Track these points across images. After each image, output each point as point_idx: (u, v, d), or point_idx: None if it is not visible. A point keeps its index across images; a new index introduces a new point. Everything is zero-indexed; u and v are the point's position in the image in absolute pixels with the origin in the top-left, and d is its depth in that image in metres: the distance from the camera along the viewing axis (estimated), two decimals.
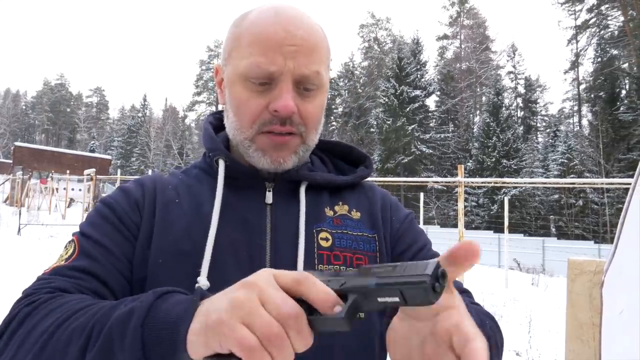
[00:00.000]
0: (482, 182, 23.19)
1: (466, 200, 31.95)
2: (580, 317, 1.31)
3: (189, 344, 0.48)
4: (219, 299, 0.47)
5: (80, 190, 32.25)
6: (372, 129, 41.32)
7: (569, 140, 34.23)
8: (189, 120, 63.27)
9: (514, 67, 46.84)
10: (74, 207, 28.31)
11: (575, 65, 42.04)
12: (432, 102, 44.03)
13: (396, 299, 0.41)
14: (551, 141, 37.48)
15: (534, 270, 15.63)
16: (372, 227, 0.83)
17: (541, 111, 46.48)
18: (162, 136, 55.51)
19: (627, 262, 1.13)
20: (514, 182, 18.17)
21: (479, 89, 47.05)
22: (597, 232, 29.36)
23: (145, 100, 65.70)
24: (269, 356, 0.43)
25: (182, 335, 0.48)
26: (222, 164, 0.80)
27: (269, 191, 0.81)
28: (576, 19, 40.89)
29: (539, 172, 34.86)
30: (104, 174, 29.20)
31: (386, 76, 41.25)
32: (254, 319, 0.43)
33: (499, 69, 47.12)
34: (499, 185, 25.70)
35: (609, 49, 36.74)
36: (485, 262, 16.81)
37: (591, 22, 39.50)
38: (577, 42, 41.36)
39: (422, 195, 13.69)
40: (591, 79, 38.84)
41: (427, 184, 23.46)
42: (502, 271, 12.25)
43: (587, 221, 31.14)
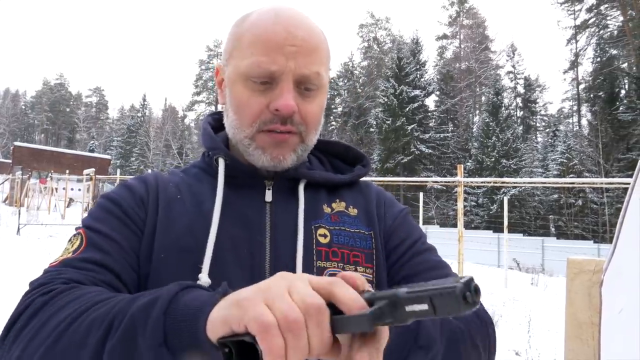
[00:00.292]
0: (482, 182, 23.20)
1: (465, 200, 31.95)
2: (579, 316, 1.32)
3: (210, 322, 0.47)
4: (247, 287, 0.48)
5: (79, 190, 32.20)
6: (372, 129, 41.33)
7: (568, 140, 34.27)
8: (189, 120, 63.36)
9: (514, 67, 46.91)
10: (73, 207, 28.29)
11: (574, 65, 42.08)
12: (431, 102, 44.10)
13: (425, 306, 0.41)
14: (550, 141, 37.53)
15: (534, 270, 15.65)
16: (368, 224, 0.84)
17: (540, 111, 46.54)
18: (161, 136, 55.49)
19: (626, 261, 1.13)
20: (514, 182, 18.20)
21: (478, 89, 47.08)
22: (597, 231, 29.38)
23: (144, 100, 65.64)
24: (282, 341, 0.42)
25: (203, 321, 0.48)
26: (222, 163, 0.81)
27: (269, 189, 0.82)
28: (575, 19, 40.97)
29: (539, 171, 34.90)
30: (103, 173, 29.19)
31: (385, 76, 41.25)
32: (277, 301, 0.43)
33: (499, 69, 47.20)
34: (498, 185, 25.72)
35: (608, 49, 36.78)
36: (484, 261, 16.81)
37: (590, 22, 39.54)
38: (577, 41, 41.42)
39: (421, 195, 13.70)
40: (590, 78, 38.88)
41: (427, 183, 23.49)
42: (501, 271, 12.26)
43: (586, 221, 31.17)
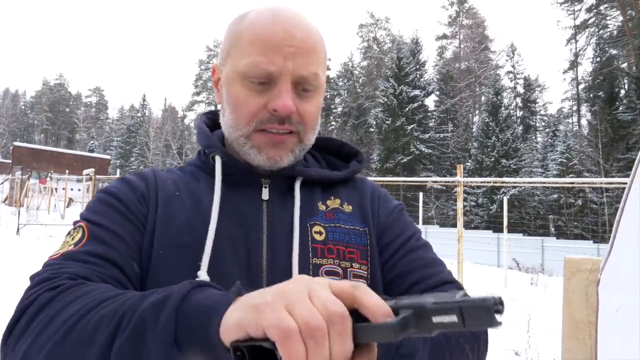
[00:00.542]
0: (481, 182, 23.20)
1: (465, 200, 31.96)
2: (576, 315, 1.32)
3: (224, 324, 0.46)
4: (263, 290, 0.46)
5: (79, 190, 32.19)
6: (372, 129, 41.34)
7: (568, 139, 34.28)
8: (188, 120, 63.31)
9: (513, 66, 46.91)
10: (73, 207, 28.27)
11: (574, 65, 42.09)
12: (431, 101, 44.12)
13: (454, 318, 0.39)
14: (550, 141, 37.54)
15: (533, 269, 15.65)
16: (363, 220, 0.84)
17: (540, 111, 46.52)
18: (161, 136, 55.51)
19: (623, 260, 1.13)
20: (513, 182, 18.20)
21: (478, 89, 47.10)
22: (597, 231, 29.38)
23: (144, 100, 65.66)
24: (303, 348, 0.41)
25: (217, 322, 0.46)
26: (218, 160, 0.81)
27: (265, 187, 0.82)
28: (575, 19, 40.98)
29: (538, 171, 34.91)
30: (103, 173, 29.19)
31: (385, 76, 41.26)
32: (298, 306, 0.42)
33: (498, 69, 47.21)
34: (498, 184, 25.72)
35: (608, 49, 36.78)
36: (484, 261, 16.81)
37: (590, 21, 39.56)
38: (576, 41, 41.43)
39: (421, 195, 13.72)
40: (590, 78, 38.89)
41: (426, 183, 23.51)
42: (501, 271, 12.26)
43: (586, 221, 31.18)
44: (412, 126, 37.21)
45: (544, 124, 45.75)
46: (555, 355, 5.06)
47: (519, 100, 45.97)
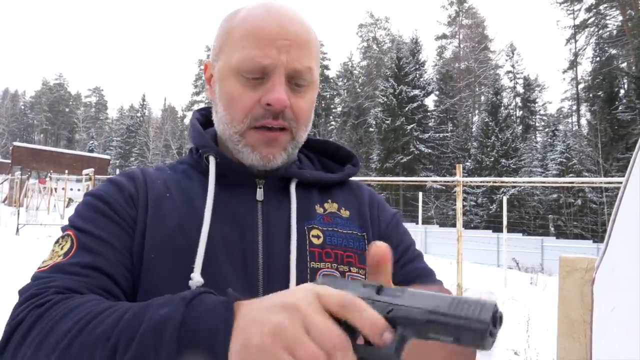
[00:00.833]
0: (481, 182, 23.21)
1: (465, 199, 31.96)
2: (571, 314, 1.33)
3: None
4: (260, 317, 0.46)
5: (79, 190, 32.21)
6: (371, 129, 41.35)
7: (567, 139, 34.28)
8: (188, 120, 63.18)
9: (513, 66, 46.88)
10: (72, 207, 28.24)
11: (574, 64, 42.08)
12: (430, 101, 44.12)
13: (450, 339, 0.40)
14: (550, 140, 37.54)
15: (533, 269, 15.67)
16: (361, 225, 0.84)
17: (540, 110, 46.51)
18: (161, 136, 55.53)
19: (618, 260, 1.14)
20: (513, 182, 18.17)
21: (477, 89, 47.10)
22: (596, 231, 29.37)
23: (144, 100, 65.75)
24: None
25: (220, 351, 0.46)
26: (212, 161, 0.80)
27: (260, 188, 0.81)
28: (575, 19, 40.97)
29: (538, 171, 34.91)
30: (102, 174, 29.17)
31: (385, 76, 41.26)
32: (299, 347, 0.42)
33: (498, 69, 47.20)
34: (497, 184, 25.72)
35: (607, 49, 36.78)
36: (484, 261, 16.81)
37: (590, 21, 39.56)
38: (576, 41, 41.42)
39: (420, 194, 13.72)
40: (590, 78, 38.90)
41: (426, 183, 23.51)
42: (500, 270, 12.27)
43: (585, 220, 31.19)
44: (411, 126, 37.21)
45: (543, 123, 45.74)
46: (554, 355, 5.06)
47: (518, 100, 45.96)
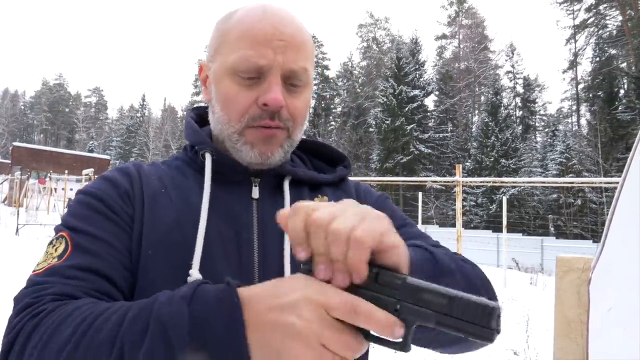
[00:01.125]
0: (481, 182, 23.21)
1: (465, 199, 31.98)
2: (568, 314, 1.33)
3: None
4: (276, 345, 0.48)
5: None
6: (371, 129, 41.33)
7: (567, 139, 34.27)
8: None
9: (513, 66, 46.86)
10: None
11: (573, 64, 42.08)
12: (430, 101, 44.10)
13: (456, 334, 0.43)
14: (550, 140, 37.53)
15: (533, 269, 15.66)
16: None
17: (540, 111, 46.50)
18: (160, 136, 55.48)
19: (614, 259, 1.13)
20: (513, 182, 18.17)
21: (477, 89, 47.08)
22: (596, 231, 29.35)
23: (144, 100, 65.77)
24: None
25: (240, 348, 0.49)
26: (208, 158, 0.80)
27: (255, 186, 0.82)
28: (574, 19, 40.96)
29: (538, 171, 34.91)
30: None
31: (385, 76, 41.25)
32: None
33: (498, 69, 47.18)
34: (497, 184, 25.73)
35: (607, 49, 36.78)
36: (483, 261, 16.80)
37: (589, 21, 39.56)
38: (576, 41, 41.42)
39: (420, 195, 13.68)
40: (589, 78, 38.89)
41: (426, 183, 23.50)
42: (500, 270, 12.25)
43: (585, 220, 31.18)
44: (411, 126, 37.19)
45: (543, 123, 45.74)
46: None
47: (518, 100, 45.95)
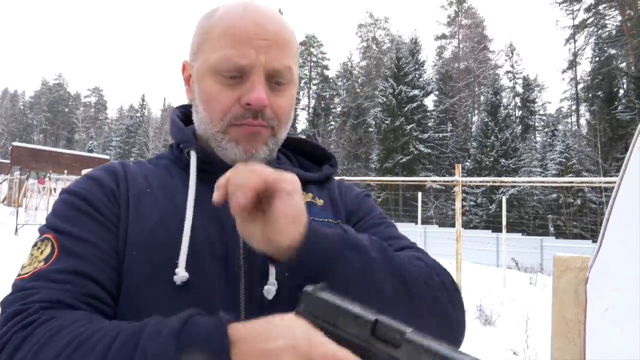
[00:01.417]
0: (480, 182, 23.20)
1: (464, 199, 32.00)
2: (565, 314, 1.33)
3: None
4: None
5: None
6: (371, 129, 41.37)
7: (567, 139, 34.30)
8: None
9: (512, 66, 46.91)
10: None
11: (573, 64, 42.12)
12: (430, 101, 44.14)
13: None
14: (549, 140, 37.58)
15: (532, 269, 15.68)
16: (335, 213, 0.85)
17: (539, 110, 46.55)
18: (160, 136, 55.49)
19: (612, 259, 1.13)
20: (512, 182, 18.17)
21: (477, 89, 47.12)
22: (595, 231, 29.37)
23: (143, 100, 65.75)
24: None
25: None
26: (193, 156, 0.79)
27: None
28: (574, 19, 41.01)
29: (537, 171, 34.94)
30: None
31: (384, 76, 41.27)
32: None
33: (497, 69, 47.23)
34: (497, 184, 25.72)
35: (606, 49, 36.83)
36: (483, 261, 16.84)
37: (589, 21, 39.61)
38: (575, 41, 41.47)
39: (420, 194, 13.71)
40: (589, 78, 38.93)
41: (425, 183, 23.50)
42: (500, 270, 12.28)
43: (585, 220, 31.22)
44: (411, 126, 37.22)
45: (542, 123, 45.78)
46: None
47: (518, 100, 45.99)
